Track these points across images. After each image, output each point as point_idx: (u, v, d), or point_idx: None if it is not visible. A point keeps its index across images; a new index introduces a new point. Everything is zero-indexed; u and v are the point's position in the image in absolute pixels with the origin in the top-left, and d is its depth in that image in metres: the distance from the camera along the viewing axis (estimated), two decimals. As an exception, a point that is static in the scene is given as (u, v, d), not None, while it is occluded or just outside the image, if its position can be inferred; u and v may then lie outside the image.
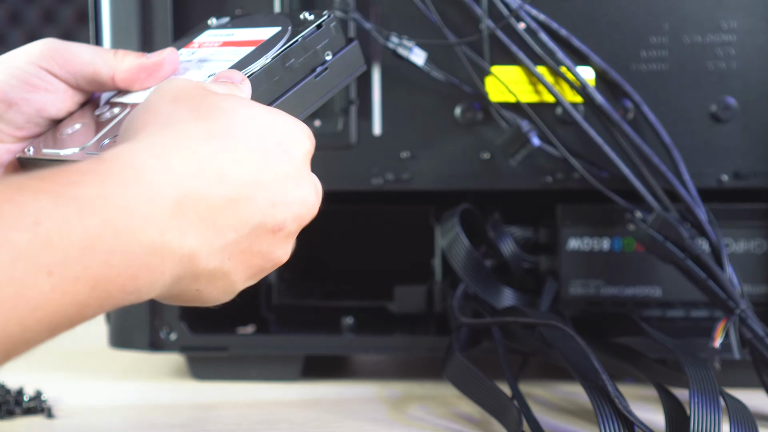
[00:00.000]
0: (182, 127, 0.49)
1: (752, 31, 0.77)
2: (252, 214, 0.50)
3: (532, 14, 0.76)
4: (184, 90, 0.51)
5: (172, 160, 0.47)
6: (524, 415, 0.67)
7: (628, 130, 0.76)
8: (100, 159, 0.46)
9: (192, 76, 0.60)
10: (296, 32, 0.60)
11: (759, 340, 0.71)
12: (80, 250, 0.42)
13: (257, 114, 0.52)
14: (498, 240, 0.82)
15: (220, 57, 0.61)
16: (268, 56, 0.59)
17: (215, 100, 0.51)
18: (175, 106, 0.50)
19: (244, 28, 0.64)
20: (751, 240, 0.80)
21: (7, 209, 0.41)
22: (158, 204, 0.45)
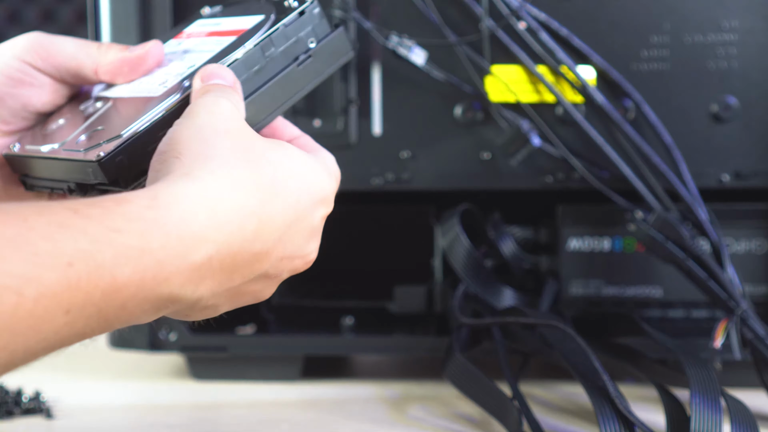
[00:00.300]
0: (236, 174, 0.49)
1: (753, 31, 0.77)
2: (264, 266, 0.51)
3: (533, 13, 0.76)
4: (235, 129, 0.51)
5: (219, 213, 0.47)
6: (524, 415, 0.67)
7: (629, 130, 0.76)
8: (156, 203, 0.45)
9: (175, 68, 0.59)
10: (279, 19, 0.59)
11: (760, 340, 0.70)
12: (102, 295, 0.43)
13: (299, 169, 0.52)
14: (498, 240, 0.82)
15: (204, 48, 0.60)
16: (247, 46, 0.58)
17: (263, 148, 0.51)
18: (228, 144, 0.50)
19: (232, 17, 0.63)
20: (752, 240, 0.80)
21: (44, 247, 0.41)
22: (189, 259, 0.45)
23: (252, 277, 0.50)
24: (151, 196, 0.45)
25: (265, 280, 0.52)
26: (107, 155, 0.54)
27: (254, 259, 0.49)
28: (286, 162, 0.51)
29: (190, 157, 0.48)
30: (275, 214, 0.50)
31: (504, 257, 0.83)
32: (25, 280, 0.40)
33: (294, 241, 0.52)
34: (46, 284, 0.40)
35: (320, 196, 0.53)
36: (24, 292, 0.40)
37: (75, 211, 0.43)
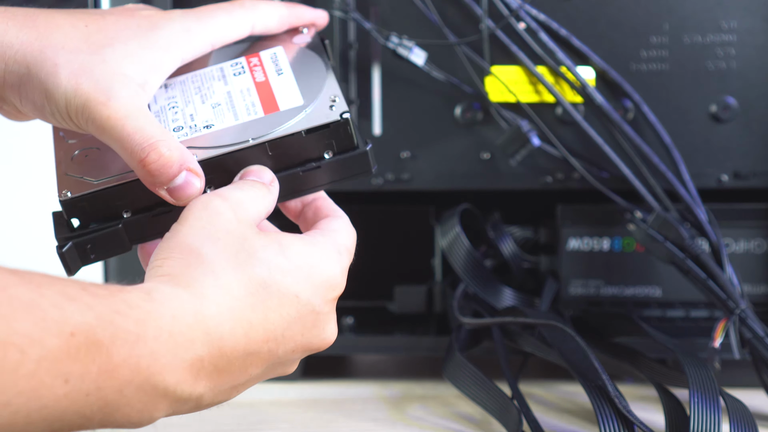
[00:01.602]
0: (224, 279, 0.50)
1: (752, 31, 0.77)
2: (269, 361, 0.52)
3: (532, 14, 0.76)
4: (225, 231, 0.52)
5: (208, 318, 0.48)
6: (524, 415, 0.67)
7: (628, 130, 0.76)
8: (150, 297, 0.47)
9: (199, 107, 0.59)
10: (305, 119, 0.57)
11: (759, 340, 0.71)
12: (99, 372, 0.44)
13: (297, 262, 0.52)
14: (498, 240, 0.82)
15: (233, 100, 0.60)
16: (258, 138, 0.57)
17: (255, 248, 0.51)
18: (219, 248, 0.51)
19: (288, 70, 0.61)
20: (751, 240, 0.80)
21: (52, 314, 0.43)
22: (182, 356, 0.47)
23: (258, 371, 0.51)
24: (146, 291, 0.47)
25: (280, 367, 0.53)
26: (69, 199, 0.56)
27: (251, 359, 0.50)
28: (281, 261, 0.52)
29: (181, 263, 0.50)
30: (270, 314, 0.51)
31: (504, 257, 0.83)
32: (30, 340, 0.42)
33: (303, 334, 0.52)
34: (48, 348, 0.42)
35: (325, 283, 0.53)
36: (27, 351, 0.42)
37: (84, 288, 0.45)
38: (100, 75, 0.55)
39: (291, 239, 0.53)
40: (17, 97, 0.56)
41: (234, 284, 0.50)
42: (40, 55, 0.55)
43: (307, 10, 0.65)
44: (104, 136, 0.55)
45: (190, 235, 0.51)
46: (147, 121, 0.54)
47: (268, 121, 0.57)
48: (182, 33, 0.59)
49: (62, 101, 0.55)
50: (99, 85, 0.54)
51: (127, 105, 0.54)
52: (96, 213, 0.57)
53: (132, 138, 0.54)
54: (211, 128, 0.58)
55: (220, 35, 0.61)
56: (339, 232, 0.56)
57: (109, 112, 0.54)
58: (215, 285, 0.49)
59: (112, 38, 0.56)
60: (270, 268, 0.51)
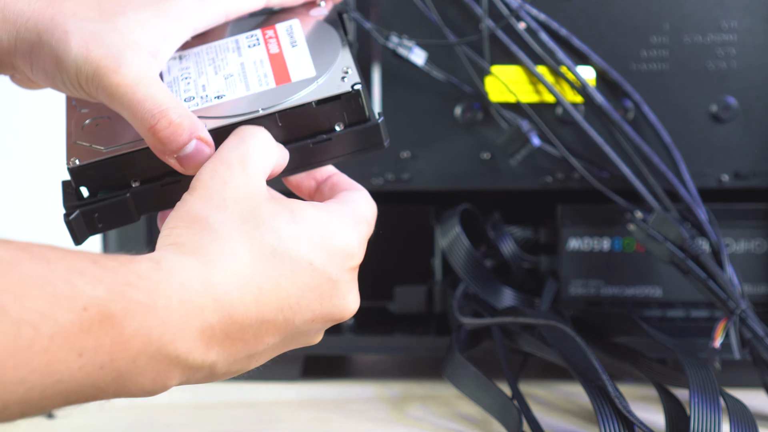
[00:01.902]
0: (231, 246, 0.49)
1: (753, 31, 0.77)
2: (286, 330, 0.51)
3: (532, 14, 0.76)
4: (233, 199, 0.51)
5: (216, 285, 0.48)
6: (524, 415, 0.67)
7: (629, 130, 0.76)
8: (159, 266, 0.47)
9: (212, 78, 0.59)
10: (317, 90, 0.56)
11: (759, 340, 0.71)
12: (112, 344, 0.44)
13: (310, 231, 0.52)
14: (498, 240, 0.82)
15: (247, 70, 0.59)
16: (268, 108, 0.56)
17: (263, 215, 0.51)
18: (227, 216, 0.50)
19: (303, 42, 0.61)
20: (752, 240, 0.80)
21: (63, 290, 0.43)
22: (192, 324, 0.47)
23: (275, 340, 0.51)
24: (155, 260, 0.47)
25: (301, 337, 0.53)
26: (77, 167, 0.56)
27: (265, 327, 0.50)
28: (292, 228, 0.51)
29: (187, 231, 0.50)
30: (282, 281, 0.50)
31: (504, 257, 0.83)
32: (42, 317, 0.42)
33: (321, 303, 0.52)
34: (61, 323, 0.42)
35: (342, 252, 0.53)
36: (40, 328, 0.42)
37: (94, 261, 0.45)
38: (111, 42, 0.54)
39: (303, 206, 0.52)
40: (28, 64, 0.56)
41: (242, 251, 0.49)
42: (51, 22, 0.55)
43: None
44: (114, 103, 0.54)
45: (198, 203, 0.51)
46: (157, 88, 0.54)
47: (279, 91, 0.57)
48: (196, 3, 0.58)
49: (72, 68, 0.54)
50: (110, 52, 0.54)
51: (137, 72, 0.54)
52: (104, 181, 0.56)
53: (142, 105, 0.54)
54: (222, 98, 0.58)
55: (234, 6, 0.60)
56: (357, 202, 0.56)
57: (120, 79, 0.54)
58: (222, 252, 0.49)
59: (124, 6, 0.56)
60: (280, 236, 0.50)
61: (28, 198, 1.28)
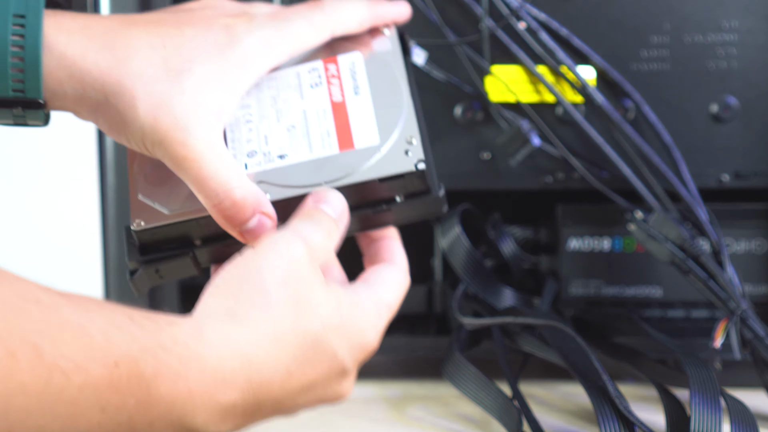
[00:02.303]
0: (281, 327, 0.50)
1: (753, 31, 0.77)
2: (287, 408, 0.52)
3: (533, 13, 0.76)
4: (297, 278, 0.51)
5: (254, 364, 0.48)
6: (524, 415, 0.67)
7: (629, 130, 0.76)
8: (201, 335, 0.47)
9: (274, 127, 0.59)
10: (379, 164, 0.56)
11: (759, 340, 0.70)
12: (136, 405, 0.44)
13: (343, 321, 0.52)
14: (498, 240, 0.82)
15: (303, 125, 0.59)
16: (331, 182, 0.56)
17: (318, 301, 0.51)
18: (282, 294, 0.50)
19: (366, 89, 0.60)
20: (752, 240, 0.80)
21: (99, 341, 0.43)
22: (217, 399, 0.47)
23: (274, 415, 0.51)
24: (197, 328, 0.47)
25: (288, 411, 0.53)
26: (143, 230, 0.56)
27: (275, 407, 0.50)
28: (335, 318, 0.52)
29: (241, 301, 0.50)
30: (308, 368, 0.51)
31: (504, 257, 0.83)
32: (75, 366, 0.42)
33: (325, 389, 0.52)
34: (92, 375, 0.43)
35: (361, 346, 0.53)
36: (72, 377, 0.42)
37: (131, 318, 0.45)
38: (178, 109, 0.55)
39: (344, 294, 0.53)
40: (94, 118, 0.56)
41: (289, 335, 0.50)
42: (118, 85, 0.55)
43: (388, 9, 0.64)
44: (180, 173, 0.55)
45: (266, 272, 0.51)
46: (223, 164, 0.55)
47: (342, 161, 0.57)
48: (260, 47, 0.58)
49: (139, 133, 0.55)
50: (177, 123, 0.54)
51: (203, 146, 0.55)
52: (168, 241, 0.57)
53: (207, 182, 0.55)
54: (284, 158, 0.58)
55: (298, 45, 0.60)
56: (385, 285, 0.57)
57: (186, 153, 0.54)
58: (273, 333, 0.49)
59: (190, 60, 0.56)
60: (324, 325, 0.51)
61: (32, 199, 1.28)
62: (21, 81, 0.54)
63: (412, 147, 0.57)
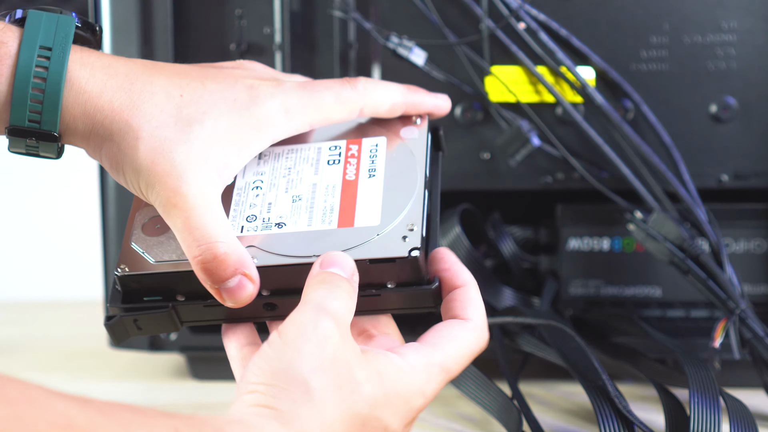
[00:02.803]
0: (327, 416, 0.48)
1: (752, 31, 0.77)
2: None
3: (532, 14, 0.76)
4: (332, 359, 0.49)
5: None
6: (524, 415, 0.67)
7: (628, 130, 0.76)
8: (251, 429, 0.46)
9: (281, 197, 0.58)
10: (374, 245, 0.54)
11: (759, 340, 0.71)
12: None
13: (390, 394, 0.51)
14: (498, 240, 0.82)
15: (309, 198, 0.58)
16: (319, 256, 0.54)
17: (358, 380, 0.49)
18: (324, 382, 0.49)
19: (381, 174, 0.59)
20: (751, 240, 0.80)
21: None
22: None
23: None
24: (250, 426, 0.46)
25: None
26: (125, 275, 0.55)
27: None
28: (379, 394, 0.50)
29: (281, 399, 0.48)
30: None
31: (504, 257, 0.83)
32: None
33: None
34: None
35: (412, 411, 0.52)
36: None
37: (176, 430, 0.44)
38: (177, 158, 0.54)
39: (385, 363, 0.51)
40: (98, 156, 0.56)
41: (337, 424, 0.48)
42: (126, 124, 0.54)
43: (425, 99, 0.62)
44: (167, 220, 0.54)
45: (299, 361, 0.49)
46: (211, 217, 0.54)
47: (336, 237, 0.55)
48: (280, 113, 0.57)
49: (135, 174, 0.54)
50: (173, 170, 0.53)
51: (196, 196, 0.53)
52: (149, 291, 0.56)
53: (192, 233, 0.53)
54: (282, 228, 0.56)
55: (321, 117, 0.58)
56: (440, 346, 0.54)
57: (176, 200, 0.53)
58: (321, 425, 0.48)
59: (204, 113, 0.55)
60: (370, 405, 0.49)
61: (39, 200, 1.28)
62: (38, 112, 0.54)
63: (412, 234, 0.55)
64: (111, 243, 0.82)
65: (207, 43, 0.80)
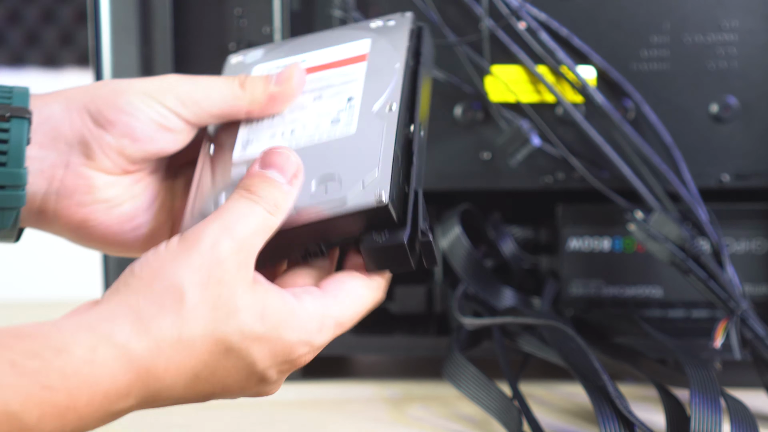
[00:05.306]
0: (190, 332, 0.48)
1: (753, 31, 0.77)
2: (210, 398, 0.50)
3: (533, 13, 0.76)
4: (218, 280, 0.49)
5: (151, 374, 0.47)
6: (524, 415, 0.67)
7: (629, 130, 0.76)
8: (93, 358, 0.46)
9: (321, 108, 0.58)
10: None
11: (760, 340, 0.70)
12: (41, 387, 0.44)
13: (267, 329, 0.50)
14: (498, 240, 0.82)
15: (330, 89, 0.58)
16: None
17: (237, 307, 0.49)
18: (199, 297, 0.48)
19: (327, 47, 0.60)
20: (752, 240, 0.80)
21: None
22: (110, 410, 0.47)
23: (183, 403, 0.50)
24: (91, 348, 0.46)
25: (217, 399, 0.51)
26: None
27: (183, 401, 0.50)
28: (256, 326, 0.49)
29: (150, 301, 0.48)
30: (219, 371, 0.49)
31: (504, 257, 0.83)
32: None
33: (242, 389, 0.51)
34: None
35: (288, 358, 0.51)
36: None
37: (12, 365, 0.44)
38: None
39: (275, 300, 0.50)
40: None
41: (198, 341, 0.48)
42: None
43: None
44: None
45: (183, 271, 0.48)
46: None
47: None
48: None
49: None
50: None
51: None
52: None
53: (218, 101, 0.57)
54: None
55: None
56: (340, 298, 0.52)
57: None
58: (179, 338, 0.47)
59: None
60: (243, 335, 0.49)
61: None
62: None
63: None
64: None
65: (206, 42, 0.80)
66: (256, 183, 0.52)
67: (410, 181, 0.54)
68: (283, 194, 0.52)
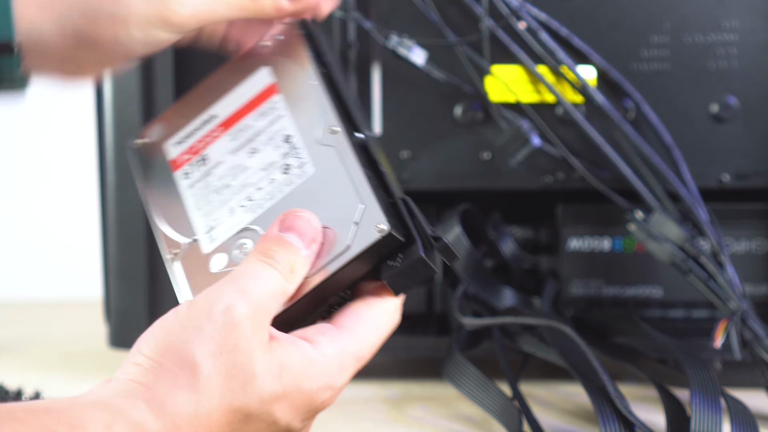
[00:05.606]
0: (207, 407, 0.46)
1: (754, 30, 0.77)
2: None
3: (533, 13, 0.76)
4: (232, 347, 0.47)
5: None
6: (524, 415, 0.67)
7: (629, 130, 0.76)
8: (110, 428, 0.44)
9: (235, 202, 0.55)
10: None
11: (760, 340, 0.70)
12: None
13: (287, 387, 0.48)
14: (498, 240, 0.82)
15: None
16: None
17: (254, 373, 0.47)
18: (214, 368, 0.47)
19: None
20: (752, 240, 0.80)
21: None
22: None
23: None
24: (107, 425, 0.44)
25: None
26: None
27: None
28: (275, 388, 0.47)
29: (164, 377, 0.46)
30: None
31: (504, 257, 0.83)
32: None
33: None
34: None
35: (311, 408, 0.49)
36: None
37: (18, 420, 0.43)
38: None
39: (291, 355, 0.48)
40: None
41: (215, 414, 0.46)
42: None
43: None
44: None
45: (196, 342, 0.47)
46: None
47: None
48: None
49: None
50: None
51: None
52: None
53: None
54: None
55: None
56: (355, 332, 0.51)
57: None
58: (195, 414, 0.45)
59: None
60: (262, 400, 0.47)
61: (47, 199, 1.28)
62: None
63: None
64: (111, 243, 0.82)
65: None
66: (274, 247, 0.50)
67: (391, 191, 0.52)
68: (301, 259, 0.50)
